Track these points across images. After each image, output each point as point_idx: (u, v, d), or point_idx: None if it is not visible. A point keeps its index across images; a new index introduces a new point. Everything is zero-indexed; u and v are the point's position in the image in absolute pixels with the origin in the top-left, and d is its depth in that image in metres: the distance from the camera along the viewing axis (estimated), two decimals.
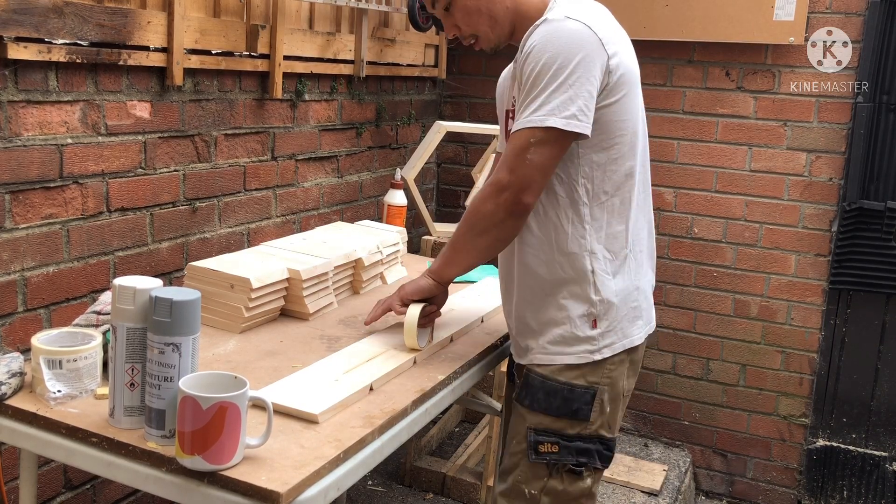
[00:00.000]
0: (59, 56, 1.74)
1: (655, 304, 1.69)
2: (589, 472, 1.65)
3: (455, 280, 1.77)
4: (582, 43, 1.50)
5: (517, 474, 1.66)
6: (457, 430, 3.44)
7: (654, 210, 1.76)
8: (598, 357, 1.61)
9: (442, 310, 1.83)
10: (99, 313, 1.58)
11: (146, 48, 1.96)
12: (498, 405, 2.40)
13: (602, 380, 1.62)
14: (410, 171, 2.87)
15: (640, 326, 1.68)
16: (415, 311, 1.71)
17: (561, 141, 1.51)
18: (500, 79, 1.85)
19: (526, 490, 1.65)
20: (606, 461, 1.67)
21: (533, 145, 1.50)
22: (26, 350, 1.50)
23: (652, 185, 1.76)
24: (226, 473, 1.21)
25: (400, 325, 1.75)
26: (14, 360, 1.44)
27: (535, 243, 1.64)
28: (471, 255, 1.66)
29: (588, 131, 1.51)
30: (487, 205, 1.56)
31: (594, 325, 1.61)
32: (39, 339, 1.42)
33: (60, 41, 1.75)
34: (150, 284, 1.31)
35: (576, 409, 1.61)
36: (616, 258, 1.62)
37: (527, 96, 1.52)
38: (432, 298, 1.76)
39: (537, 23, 1.56)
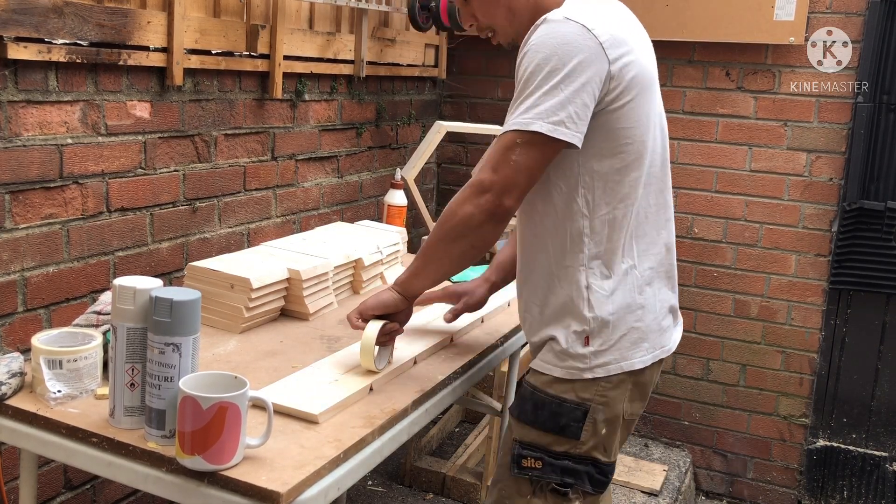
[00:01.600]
0: (59, 56, 1.74)
1: None
2: (577, 494, 1.53)
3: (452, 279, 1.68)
4: (578, 46, 1.41)
5: (501, 488, 1.59)
6: (457, 430, 3.44)
7: None
8: (588, 375, 1.51)
9: (441, 309, 1.81)
10: (99, 313, 1.58)
11: (146, 48, 1.96)
12: (498, 405, 2.40)
13: (595, 397, 1.51)
14: (410, 171, 2.87)
15: (644, 350, 1.55)
16: (373, 328, 1.56)
17: (547, 146, 1.43)
18: None
19: None
20: (599, 486, 1.55)
21: (518, 146, 1.42)
22: (26, 350, 1.50)
23: None
24: (226, 473, 1.21)
25: None
26: (14, 360, 1.44)
27: (534, 252, 1.57)
28: (443, 264, 1.56)
29: (577, 141, 1.42)
30: (466, 207, 1.47)
31: (586, 342, 1.51)
32: (39, 339, 1.42)
33: (60, 41, 1.75)
34: (150, 284, 1.31)
35: (563, 424, 1.51)
36: (615, 274, 1.52)
37: (517, 97, 1.45)
38: (394, 315, 1.62)
39: (538, 22, 1.47)
